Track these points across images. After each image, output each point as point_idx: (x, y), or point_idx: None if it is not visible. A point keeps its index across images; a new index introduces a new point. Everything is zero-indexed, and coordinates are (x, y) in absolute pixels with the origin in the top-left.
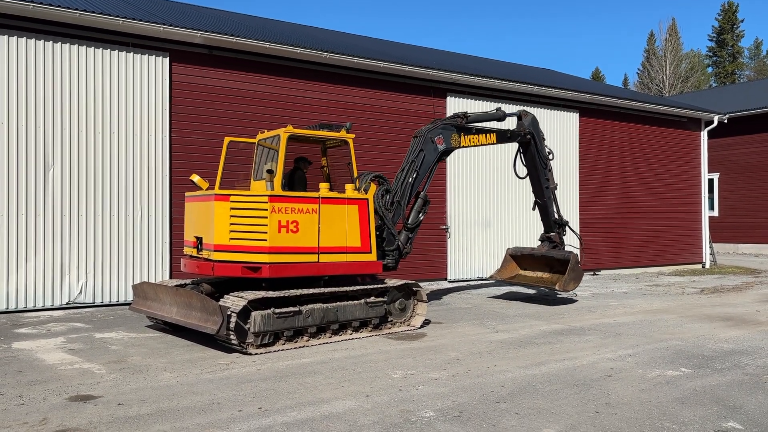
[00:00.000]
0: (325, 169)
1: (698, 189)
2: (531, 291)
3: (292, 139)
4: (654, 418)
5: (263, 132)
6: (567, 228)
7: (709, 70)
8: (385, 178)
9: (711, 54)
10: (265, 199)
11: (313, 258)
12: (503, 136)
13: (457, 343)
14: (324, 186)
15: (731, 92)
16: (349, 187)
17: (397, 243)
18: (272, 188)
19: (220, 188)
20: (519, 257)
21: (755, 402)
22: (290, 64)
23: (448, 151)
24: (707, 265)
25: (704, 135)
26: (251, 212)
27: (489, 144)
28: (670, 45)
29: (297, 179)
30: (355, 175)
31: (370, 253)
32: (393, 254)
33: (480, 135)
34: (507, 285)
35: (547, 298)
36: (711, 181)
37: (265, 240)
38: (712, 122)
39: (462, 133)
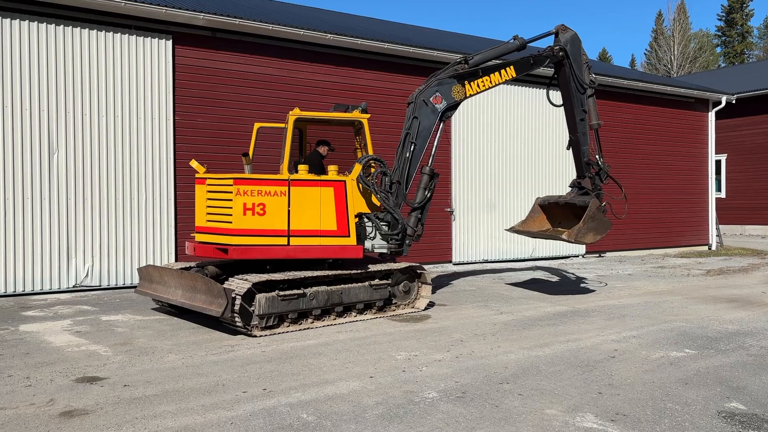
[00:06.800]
0: (358, 151)
1: (705, 170)
2: (537, 272)
3: (302, 121)
4: (657, 399)
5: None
6: (604, 175)
7: (718, 50)
8: (383, 161)
9: (720, 34)
10: (230, 182)
11: (283, 241)
12: (525, 65)
13: (461, 324)
14: (303, 168)
15: (740, 72)
16: (332, 168)
17: (400, 226)
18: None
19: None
20: (546, 207)
21: (759, 383)
22: (294, 46)
23: (452, 107)
24: (713, 247)
25: (712, 116)
26: (220, 195)
27: (505, 81)
28: (678, 25)
29: (309, 161)
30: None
31: (348, 236)
32: (394, 238)
33: (491, 75)
34: (530, 237)
35: (552, 279)
36: (718, 163)
37: (230, 222)
38: (719, 103)
39: (466, 81)
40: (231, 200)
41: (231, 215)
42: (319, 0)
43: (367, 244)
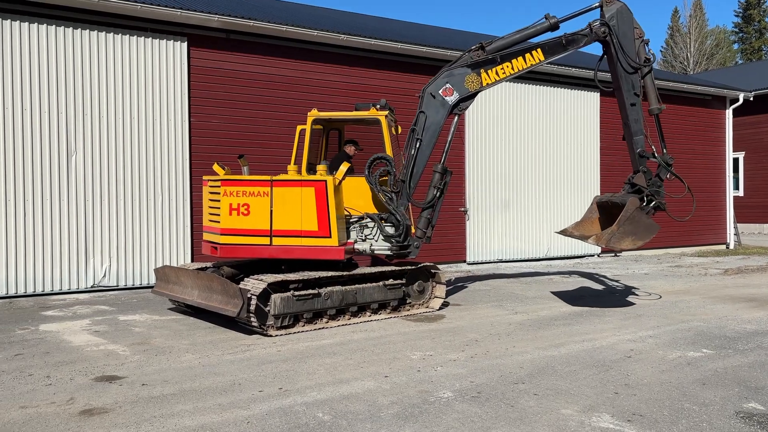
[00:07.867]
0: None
1: (723, 168)
2: (552, 271)
3: (319, 121)
4: (674, 399)
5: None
6: (664, 170)
7: (735, 46)
8: (390, 160)
9: (737, 30)
10: (218, 183)
11: (266, 240)
12: (556, 47)
13: (475, 324)
14: (292, 168)
15: (757, 69)
16: (320, 168)
17: (402, 227)
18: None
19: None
20: (604, 206)
21: None
22: (307, 47)
23: (466, 99)
24: (731, 246)
25: (729, 113)
26: (214, 195)
27: (530, 67)
28: (694, 21)
29: (332, 161)
30: (390, 154)
31: (329, 237)
32: (397, 240)
33: (513, 60)
34: (583, 241)
35: (567, 279)
36: (736, 160)
37: (219, 222)
38: (737, 100)
39: (482, 69)
40: (219, 201)
41: (219, 215)
42: (333, 1)
43: (365, 245)
